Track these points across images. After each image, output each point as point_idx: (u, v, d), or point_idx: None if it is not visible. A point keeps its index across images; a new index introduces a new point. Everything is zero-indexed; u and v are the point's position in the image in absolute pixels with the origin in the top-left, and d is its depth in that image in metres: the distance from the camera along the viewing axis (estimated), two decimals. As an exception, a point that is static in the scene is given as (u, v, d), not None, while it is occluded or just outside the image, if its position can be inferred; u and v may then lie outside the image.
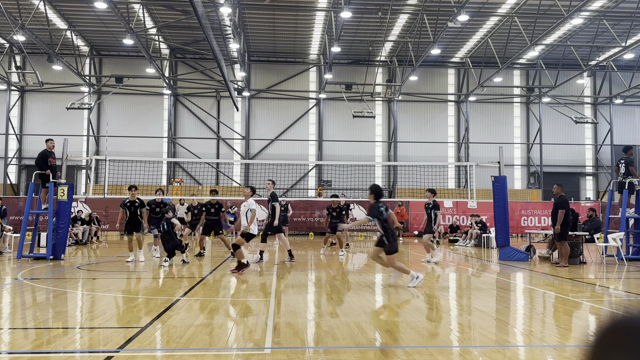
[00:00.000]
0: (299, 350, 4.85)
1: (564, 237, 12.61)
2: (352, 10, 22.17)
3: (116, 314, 6.55)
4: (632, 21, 24.42)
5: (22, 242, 13.71)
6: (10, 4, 22.99)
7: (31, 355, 4.67)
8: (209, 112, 33.40)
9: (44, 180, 13.53)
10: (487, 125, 34.50)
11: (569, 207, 12.71)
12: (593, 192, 35.24)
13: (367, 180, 31.19)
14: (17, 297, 8.20)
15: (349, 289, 8.81)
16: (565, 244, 12.68)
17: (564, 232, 12.54)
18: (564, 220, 12.44)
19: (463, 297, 8.71)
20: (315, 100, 33.94)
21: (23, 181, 32.59)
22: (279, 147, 33.35)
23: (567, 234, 12.68)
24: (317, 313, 6.80)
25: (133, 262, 12.90)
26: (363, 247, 20.35)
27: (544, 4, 23.30)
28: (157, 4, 24.93)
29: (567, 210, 12.54)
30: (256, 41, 30.83)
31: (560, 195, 12.81)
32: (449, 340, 5.49)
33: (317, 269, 12.38)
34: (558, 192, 12.87)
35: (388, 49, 31.02)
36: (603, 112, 35.21)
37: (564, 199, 12.78)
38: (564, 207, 12.54)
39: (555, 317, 6.73)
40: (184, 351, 4.87)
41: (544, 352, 5.03)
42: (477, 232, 20.85)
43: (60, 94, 32.15)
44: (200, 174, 32.46)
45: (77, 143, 30.51)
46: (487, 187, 18.16)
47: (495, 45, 27.92)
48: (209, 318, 6.34)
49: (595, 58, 30.49)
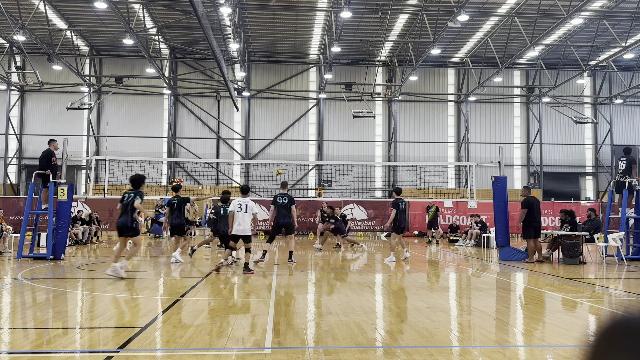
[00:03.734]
0: (299, 350, 4.85)
1: (528, 235, 13.75)
2: (352, 10, 22.17)
3: (116, 314, 6.55)
4: (632, 21, 24.42)
5: (22, 242, 13.71)
6: (10, 4, 22.99)
7: (31, 355, 4.67)
8: (209, 112, 33.40)
9: (45, 180, 13.53)
10: (487, 125, 34.51)
11: (532, 208, 13.79)
12: (593, 192, 35.24)
13: (367, 180, 31.28)
14: (17, 297, 8.20)
15: (349, 289, 8.81)
16: (531, 242, 13.77)
17: (527, 231, 13.72)
18: (526, 220, 13.60)
19: (463, 297, 8.71)
20: (315, 100, 33.95)
21: (23, 181, 32.60)
22: (279, 147, 33.35)
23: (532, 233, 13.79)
24: (317, 313, 6.79)
25: (177, 263, 12.64)
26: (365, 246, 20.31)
27: (544, 4, 23.30)
28: (157, 4, 24.93)
29: (529, 210, 13.68)
30: (256, 41, 30.83)
31: (526, 196, 14.04)
32: (449, 340, 5.49)
33: (317, 269, 12.38)
34: (525, 194, 14.15)
35: (388, 49, 31.02)
36: (603, 112, 35.22)
37: (526, 200, 13.95)
38: (525, 207, 13.76)
39: (555, 317, 6.73)
40: (184, 351, 4.87)
41: (544, 352, 5.03)
42: (477, 232, 20.85)
43: (60, 94, 32.16)
44: (200, 174, 32.46)
45: (77, 143, 30.51)
46: (487, 187, 18.18)
47: (495, 45, 27.92)
48: (209, 318, 6.34)
49: (595, 58, 30.50)
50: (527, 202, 13.84)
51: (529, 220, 13.65)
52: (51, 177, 13.47)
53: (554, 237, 14.65)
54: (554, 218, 25.83)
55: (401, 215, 13.71)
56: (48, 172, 13.45)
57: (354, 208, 27.46)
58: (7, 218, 22.58)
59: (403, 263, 13.51)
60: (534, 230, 13.81)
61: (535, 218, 13.76)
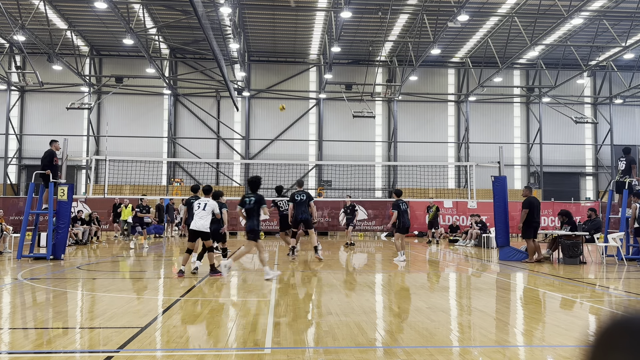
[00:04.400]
0: (299, 350, 4.85)
1: (527, 236, 13.71)
2: (352, 10, 22.17)
3: (116, 314, 6.55)
4: (632, 21, 24.42)
5: (22, 242, 13.71)
6: (10, 4, 22.99)
7: (31, 355, 4.67)
8: (209, 112, 33.40)
9: (46, 180, 13.54)
10: (487, 125, 34.51)
11: (533, 208, 13.80)
12: (593, 192, 35.24)
13: (367, 180, 31.28)
14: (17, 297, 8.20)
15: (349, 289, 8.81)
16: (530, 242, 13.78)
17: (527, 231, 13.71)
18: (527, 220, 13.63)
19: (463, 297, 8.71)
20: (315, 100, 33.95)
21: (23, 181, 32.59)
22: (279, 147, 33.35)
23: (532, 233, 13.82)
24: (317, 313, 6.79)
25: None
26: (363, 246, 20.34)
27: (544, 4, 23.30)
28: (157, 4, 24.93)
29: (530, 211, 13.65)
30: (256, 41, 30.83)
31: (527, 196, 14.02)
32: (449, 340, 5.49)
33: (317, 269, 12.38)
34: (526, 194, 14.15)
35: (388, 49, 31.02)
36: (603, 112, 35.22)
37: (527, 200, 13.91)
38: (526, 207, 13.73)
39: (555, 317, 6.73)
40: (184, 351, 4.87)
41: (544, 352, 5.03)
42: (477, 232, 20.85)
43: (60, 94, 32.16)
44: (200, 174, 32.44)
45: (77, 143, 30.49)
46: (487, 187, 18.17)
47: (495, 45, 27.92)
48: (209, 318, 6.34)
49: (595, 58, 30.50)
50: (528, 202, 13.87)
51: (529, 220, 13.69)
52: (51, 177, 13.48)
53: (554, 237, 14.65)
54: (553, 218, 25.81)
55: (404, 215, 13.75)
56: (48, 172, 13.47)
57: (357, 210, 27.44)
58: (7, 218, 22.57)
59: (397, 263, 13.44)
60: (534, 230, 13.88)
61: (535, 218, 13.83)
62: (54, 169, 13.63)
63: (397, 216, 13.56)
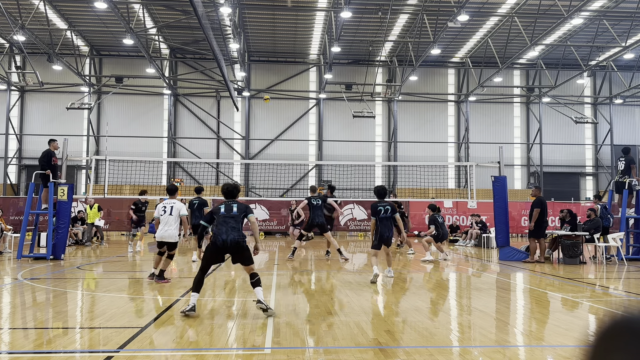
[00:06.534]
0: (299, 350, 4.85)
1: (535, 235, 13.71)
2: (352, 10, 22.16)
3: (116, 314, 6.55)
4: (632, 21, 24.41)
5: (22, 242, 13.71)
6: (10, 4, 22.98)
7: (31, 355, 4.68)
8: (209, 112, 33.40)
9: (45, 180, 13.54)
10: (487, 125, 34.50)
11: (545, 208, 13.77)
12: (593, 192, 35.21)
13: (367, 180, 31.25)
14: (17, 297, 8.20)
15: (349, 289, 8.81)
16: (536, 241, 13.78)
17: (537, 231, 13.63)
18: (538, 220, 13.52)
19: (463, 297, 8.71)
20: (315, 100, 33.94)
21: (23, 181, 32.59)
22: (279, 147, 33.34)
23: (542, 232, 13.78)
24: (317, 313, 6.79)
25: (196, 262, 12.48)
26: (363, 247, 20.33)
27: (544, 4, 23.30)
28: (157, 4, 24.93)
29: (542, 211, 13.59)
30: (256, 41, 30.82)
31: (537, 196, 13.93)
32: (449, 340, 5.49)
33: (317, 269, 12.38)
34: (536, 193, 14.07)
35: (388, 49, 31.01)
36: (603, 112, 35.21)
37: (538, 200, 13.82)
38: (538, 207, 13.61)
39: (555, 317, 6.73)
40: (184, 351, 4.87)
41: (544, 352, 5.03)
42: (477, 232, 20.86)
43: (60, 94, 32.15)
44: (200, 174, 32.44)
45: (77, 143, 30.49)
46: (487, 187, 18.16)
47: (495, 45, 27.92)
48: (209, 318, 6.34)
49: (595, 58, 30.49)
50: (539, 202, 13.82)
51: (540, 220, 13.66)
52: (51, 177, 13.48)
53: (554, 237, 14.65)
54: (554, 218, 25.81)
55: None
56: (48, 172, 13.46)
57: (354, 208, 27.49)
58: (7, 218, 22.58)
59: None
60: (543, 230, 13.91)
61: (544, 218, 13.85)
62: (54, 169, 13.62)
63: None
